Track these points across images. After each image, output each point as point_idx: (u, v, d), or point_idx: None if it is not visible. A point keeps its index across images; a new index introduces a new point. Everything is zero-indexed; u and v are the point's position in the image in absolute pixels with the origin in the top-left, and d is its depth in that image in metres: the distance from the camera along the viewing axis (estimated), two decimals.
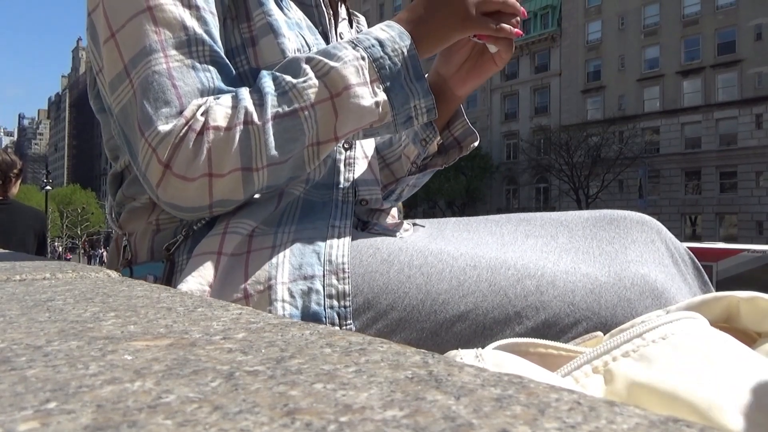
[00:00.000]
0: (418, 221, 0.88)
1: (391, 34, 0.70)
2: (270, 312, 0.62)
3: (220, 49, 0.70)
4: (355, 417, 0.18)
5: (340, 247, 0.67)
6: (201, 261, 0.66)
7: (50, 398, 0.20)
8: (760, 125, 25.37)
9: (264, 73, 0.68)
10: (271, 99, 0.65)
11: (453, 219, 0.85)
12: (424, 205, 34.52)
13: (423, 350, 0.27)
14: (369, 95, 0.67)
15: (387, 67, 0.68)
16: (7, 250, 1.14)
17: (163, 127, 0.63)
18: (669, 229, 0.73)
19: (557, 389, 0.21)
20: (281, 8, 0.77)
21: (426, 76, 0.72)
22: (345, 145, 0.80)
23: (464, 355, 0.42)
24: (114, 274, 0.65)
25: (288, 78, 0.66)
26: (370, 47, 0.68)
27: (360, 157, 0.83)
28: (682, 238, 23.54)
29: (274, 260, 0.66)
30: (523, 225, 0.75)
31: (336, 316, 0.62)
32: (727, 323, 0.52)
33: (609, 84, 30.49)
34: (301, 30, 0.78)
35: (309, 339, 0.30)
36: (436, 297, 0.62)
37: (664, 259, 0.68)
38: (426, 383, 0.22)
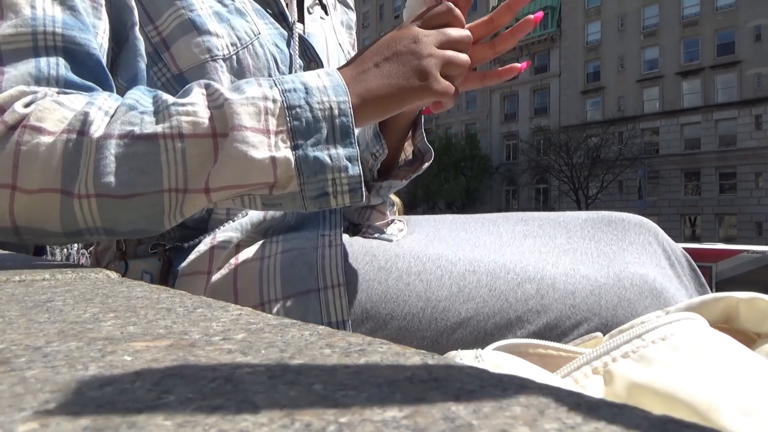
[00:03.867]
0: (413, 217, 0.85)
1: (325, 83, 0.55)
2: None
3: (87, 38, 0.57)
4: (354, 418, 0.18)
5: (332, 258, 0.63)
6: (190, 282, 0.64)
7: (50, 399, 0.20)
8: (760, 126, 25.38)
9: (151, 90, 0.56)
10: (131, 114, 0.51)
11: (450, 217, 0.82)
12: (424, 206, 34.51)
13: (423, 351, 0.27)
14: (265, 147, 0.51)
15: (304, 120, 0.53)
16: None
17: None
18: (668, 230, 0.73)
19: (557, 390, 0.21)
20: None
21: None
22: None
23: (464, 356, 0.42)
24: (113, 274, 0.65)
25: (169, 99, 0.53)
26: (290, 90, 0.54)
27: None
28: (682, 238, 23.57)
29: (264, 275, 0.63)
30: (521, 225, 0.75)
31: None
32: (727, 324, 0.52)
33: (608, 85, 30.48)
34: (243, 16, 0.68)
35: (309, 340, 0.30)
36: (437, 304, 0.61)
37: (661, 261, 0.68)
38: (426, 384, 0.22)
